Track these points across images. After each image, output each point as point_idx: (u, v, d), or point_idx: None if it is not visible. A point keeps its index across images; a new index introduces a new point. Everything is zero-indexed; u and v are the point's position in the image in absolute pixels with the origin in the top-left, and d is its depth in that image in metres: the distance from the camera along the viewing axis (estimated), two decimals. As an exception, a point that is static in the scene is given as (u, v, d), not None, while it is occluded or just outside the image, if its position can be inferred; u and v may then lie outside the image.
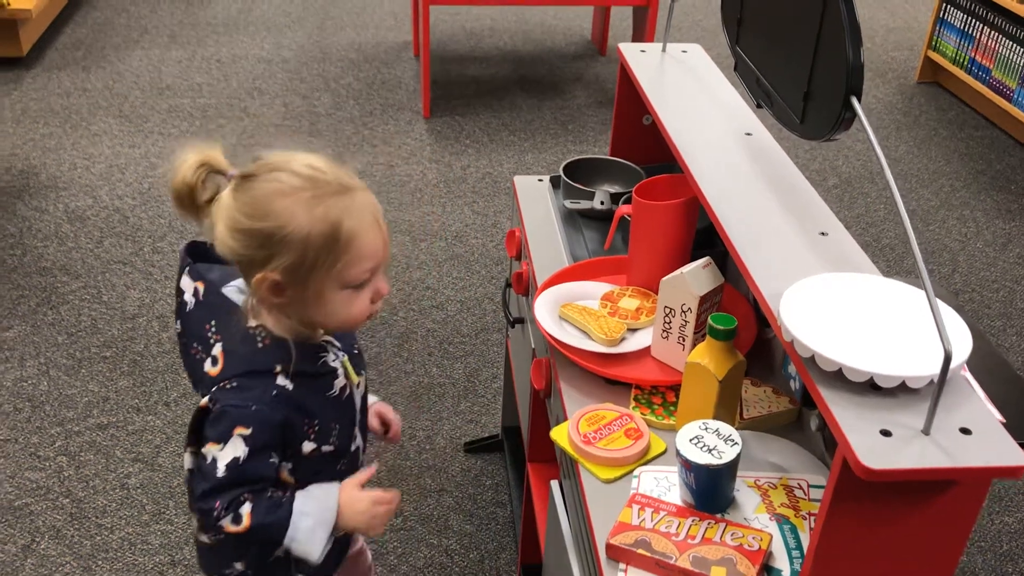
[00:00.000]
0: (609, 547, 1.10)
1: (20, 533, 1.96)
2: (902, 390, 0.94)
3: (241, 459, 1.11)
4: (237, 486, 1.12)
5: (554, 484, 1.39)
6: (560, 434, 1.27)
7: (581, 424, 1.25)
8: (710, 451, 1.11)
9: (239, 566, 1.27)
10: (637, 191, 1.43)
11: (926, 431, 0.90)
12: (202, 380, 1.17)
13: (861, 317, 1.02)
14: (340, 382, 1.21)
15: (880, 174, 3.47)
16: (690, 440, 1.12)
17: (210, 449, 1.12)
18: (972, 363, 0.98)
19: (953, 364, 0.88)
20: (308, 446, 1.18)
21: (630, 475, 1.21)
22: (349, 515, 1.19)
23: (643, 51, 1.74)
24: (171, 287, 2.69)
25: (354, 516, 1.19)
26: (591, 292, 1.50)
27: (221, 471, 1.11)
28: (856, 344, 0.96)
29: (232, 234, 1.09)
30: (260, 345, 1.14)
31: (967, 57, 3.92)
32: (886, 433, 0.89)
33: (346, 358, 1.23)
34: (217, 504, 1.12)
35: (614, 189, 1.73)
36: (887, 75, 4.31)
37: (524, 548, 1.81)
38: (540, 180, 1.88)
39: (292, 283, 1.10)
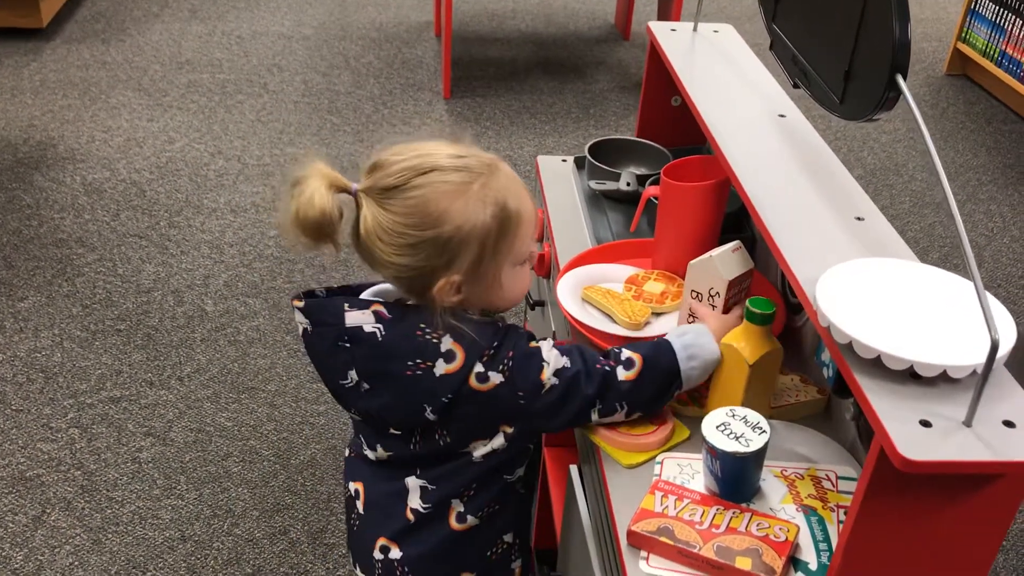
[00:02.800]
0: (631, 534, 1.07)
1: (31, 504, 1.95)
2: (943, 380, 0.90)
3: (569, 350, 1.12)
4: (584, 362, 1.12)
5: (573, 469, 1.36)
6: (581, 418, 1.24)
7: (603, 408, 1.22)
8: (737, 438, 1.07)
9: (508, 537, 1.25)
10: (666, 172, 1.39)
11: (968, 423, 0.86)
12: (432, 391, 1.09)
13: (900, 304, 0.98)
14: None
15: (905, 166, 3.41)
16: (716, 427, 1.09)
17: (540, 380, 1.10)
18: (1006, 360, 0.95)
19: (1000, 354, 0.85)
20: None
21: (652, 461, 1.18)
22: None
23: (673, 30, 1.70)
24: (187, 262, 2.68)
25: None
26: (615, 275, 1.46)
27: (565, 363, 1.11)
28: (896, 331, 0.93)
29: (402, 250, 1.04)
30: (484, 324, 1.10)
31: (998, 50, 3.85)
32: (926, 424, 0.86)
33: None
34: (604, 363, 1.13)
35: (640, 171, 1.70)
36: (915, 66, 4.24)
37: (538, 534, 1.79)
38: (564, 161, 1.84)
39: (472, 279, 1.07)
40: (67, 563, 1.84)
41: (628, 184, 1.62)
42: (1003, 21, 3.80)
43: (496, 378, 1.09)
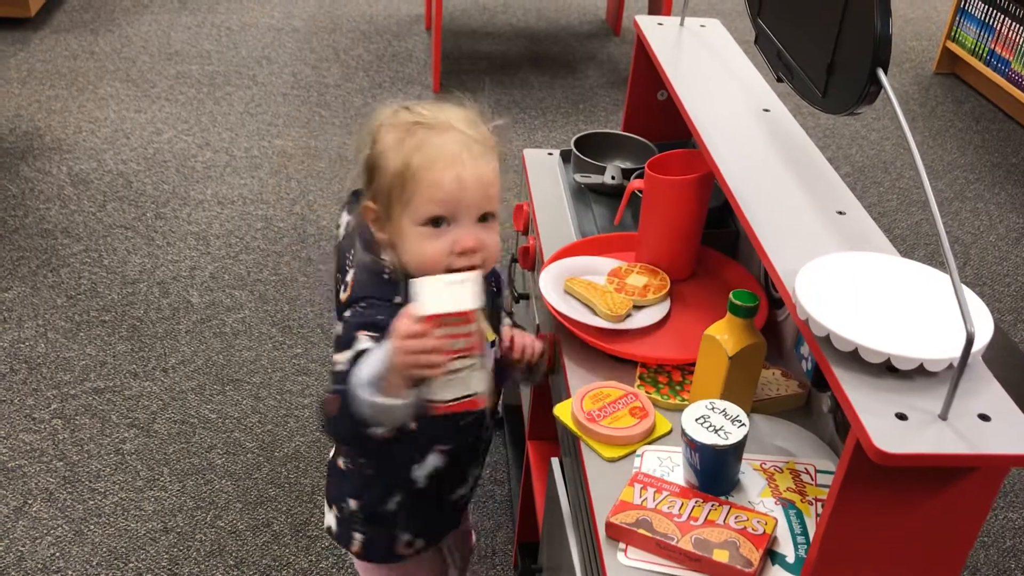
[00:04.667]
0: (609, 526, 1.07)
1: (12, 494, 1.94)
2: (919, 373, 0.91)
3: (365, 351, 1.07)
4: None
5: (554, 461, 1.36)
6: (563, 411, 1.24)
7: (585, 401, 1.22)
8: (716, 431, 1.08)
9: (352, 503, 1.28)
10: (650, 166, 1.39)
11: (943, 416, 0.86)
12: (337, 309, 1.18)
13: (879, 297, 0.98)
14: None
15: (893, 163, 3.42)
16: (696, 420, 1.09)
17: (337, 359, 1.09)
18: (985, 355, 0.95)
19: (975, 347, 0.85)
20: None
21: (633, 454, 1.18)
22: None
23: (660, 24, 1.70)
24: (173, 254, 2.67)
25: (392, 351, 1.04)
26: (598, 267, 1.47)
27: (342, 366, 1.08)
28: (873, 324, 0.93)
29: (357, 161, 1.16)
30: (385, 276, 1.14)
31: (986, 49, 3.86)
32: (902, 417, 0.86)
33: (482, 312, 1.18)
34: (337, 388, 1.08)
35: (626, 165, 1.70)
36: (904, 65, 4.25)
37: (521, 526, 1.79)
38: (550, 154, 1.84)
39: (384, 216, 1.12)
40: (48, 554, 1.83)
41: (613, 178, 1.62)
42: (992, 20, 3.81)
43: (340, 328, 1.13)
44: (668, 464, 1.16)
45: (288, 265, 2.64)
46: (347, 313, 1.13)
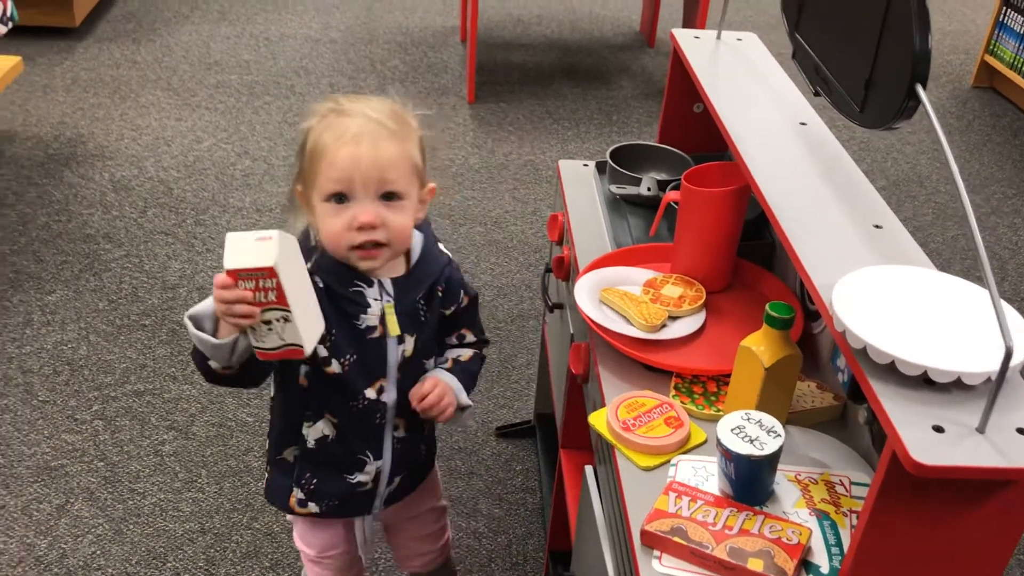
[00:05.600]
0: (644, 533, 1.08)
1: (55, 493, 1.99)
2: (956, 386, 0.91)
3: None
4: None
5: (588, 470, 1.37)
6: (599, 419, 1.26)
7: (620, 410, 1.24)
8: (751, 441, 1.09)
9: (268, 442, 1.40)
10: (686, 177, 1.40)
11: (981, 429, 0.87)
12: None
13: (916, 311, 0.99)
14: (369, 319, 1.26)
15: (928, 177, 3.40)
16: (731, 430, 1.10)
17: None
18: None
19: (1014, 361, 0.86)
20: (321, 351, 1.24)
21: (668, 464, 1.19)
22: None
23: (697, 37, 1.71)
24: (212, 260, 2.71)
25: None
26: (633, 278, 1.48)
27: None
28: (910, 337, 0.94)
29: None
30: (312, 243, 1.24)
31: (1025, 62, 3.83)
32: (939, 429, 0.87)
33: (391, 307, 1.26)
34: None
35: (661, 176, 1.71)
36: (941, 78, 4.23)
37: (553, 534, 1.80)
38: (585, 165, 1.86)
39: (305, 195, 1.22)
40: (89, 552, 1.87)
41: (648, 189, 1.63)
42: (1031, 34, 3.78)
43: None
44: (703, 474, 1.17)
45: (324, 272, 2.68)
46: None
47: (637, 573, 1.07)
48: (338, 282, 1.25)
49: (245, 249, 1.06)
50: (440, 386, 1.32)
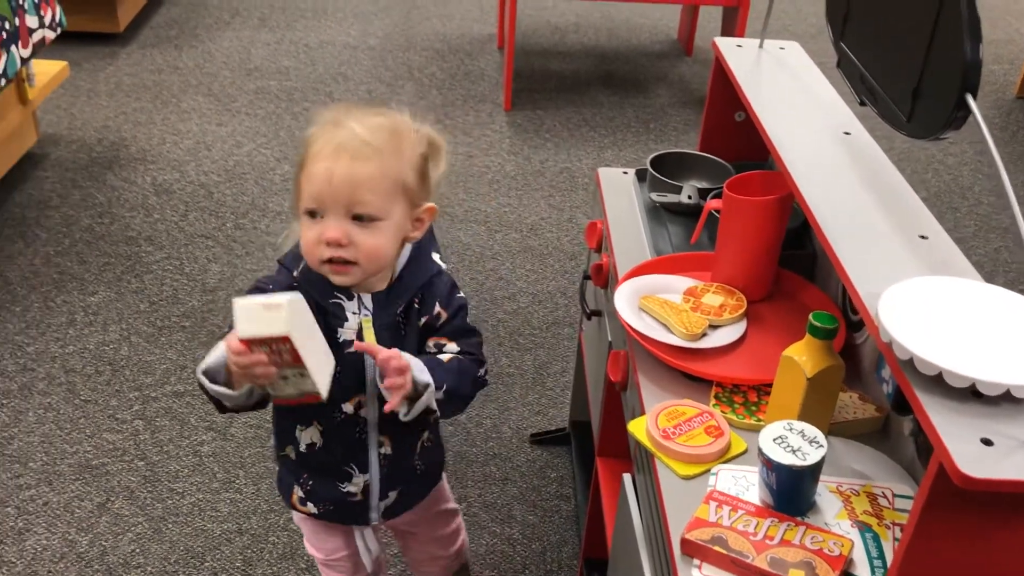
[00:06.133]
0: (684, 542, 1.08)
1: (96, 491, 2.02)
2: (1006, 399, 0.90)
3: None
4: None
5: (626, 478, 1.37)
6: (638, 427, 1.26)
7: (660, 419, 1.24)
8: (794, 452, 1.08)
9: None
10: (728, 186, 1.40)
11: (1031, 443, 0.86)
12: None
13: (963, 322, 0.98)
14: (346, 333, 1.25)
15: (971, 189, 3.36)
16: (773, 439, 1.09)
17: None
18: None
19: (1065, 374, 0.84)
20: None
21: (708, 473, 1.19)
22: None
23: (739, 46, 1.71)
24: (251, 263, 2.74)
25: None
26: (673, 286, 1.48)
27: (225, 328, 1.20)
28: (958, 349, 0.93)
29: None
30: (301, 256, 1.24)
31: (1070, 73, 3.77)
32: (987, 442, 0.86)
33: (368, 321, 1.25)
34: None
35: (702, 184, 1.70)
36: (984, 88, 4.17)
37: (588, 542, 1.80)
38: (625, 173, 1.86)
39: (295, 203, 1.21)
40: (129, 550, 1.90)
41: (689, 197, 1.63)
42: (1076, 44, 3.72)
43: None
44: (743, 483, 1.16)
45: (361, 277, 2.70)
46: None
47: (677, 582, 1.06)
48: (319, 293, 1.24)
49: (256, 317, 1.07)
50: (396, 353, 1.21)
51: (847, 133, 1.44)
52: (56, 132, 3.36)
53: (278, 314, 1.06)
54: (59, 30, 2.94)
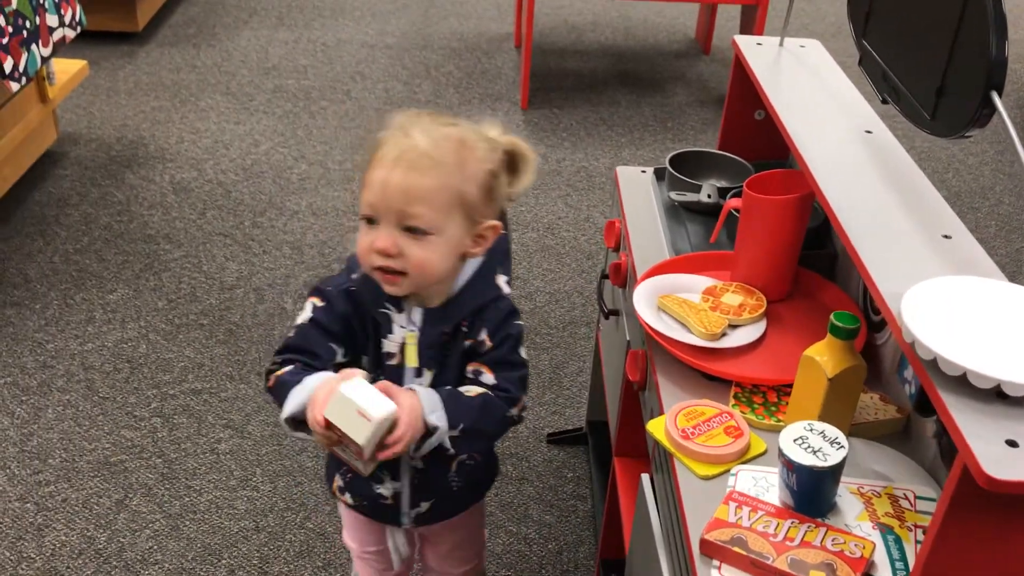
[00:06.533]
0: (703, 543, 1.07)
1: (115, 488, 2.03)
2: (1031, 401, 0.89)
3: (303, 323, 1.25)
4: (290, 349, 1.25)
5: (644, 478, 1.36)
6: (657, 427, 1.25)
7: (679, 419, 1.23)
8: (814, 452, 1.07)
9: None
10: (749, 184, 1.39)
11: (1057, 445, 0.85)
12: None
13: (988, 322, 0.97)
14: (389, 345, 1.26)
15: (992, 189, 3.33)
16: (794, 440, 1.09)
17: (295, 323, 1.28)
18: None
19: (1092, 376, 0.83)
20: (364, 361, 1.27)
21: (727, 473, 1.18)
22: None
23: (759, 44, 1.70)
24: (269, 262, 2.75)
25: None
26: (693, 285, 1.47)
27: (291, 330, 1.27)
28: (982, 349, 0.92)
29: None
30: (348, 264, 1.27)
31: (1093, 72, 3.73)
32: (1012, 444, 0.85)
33: (412, 336, 1.24)
34: (275, 359, 1.26)
35: (721, 183, 1.69)
36: (1006, 87, 4.13)
37: (605, 542, 1.79)
38: (643, 172, 1.85)
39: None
40: (147, 547, 1.90)
41: (709, 196, 1.62)
42: (1099, 43, 3.68)
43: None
44: (763, 484, 1.15)
45: (378, 276, 2.70)
46: None
47: (696, 583, 1.06)
48: (371, 301, 1.24)
49: (347, 412, 1.11)
50: (405, 419, 1.16)
51: (869, 132, 1.43)
52: (75, 131, 3.38)
53: (365, 426, 1.10)
54: (79, 29, 2.96)
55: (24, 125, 2.85)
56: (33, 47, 2.64)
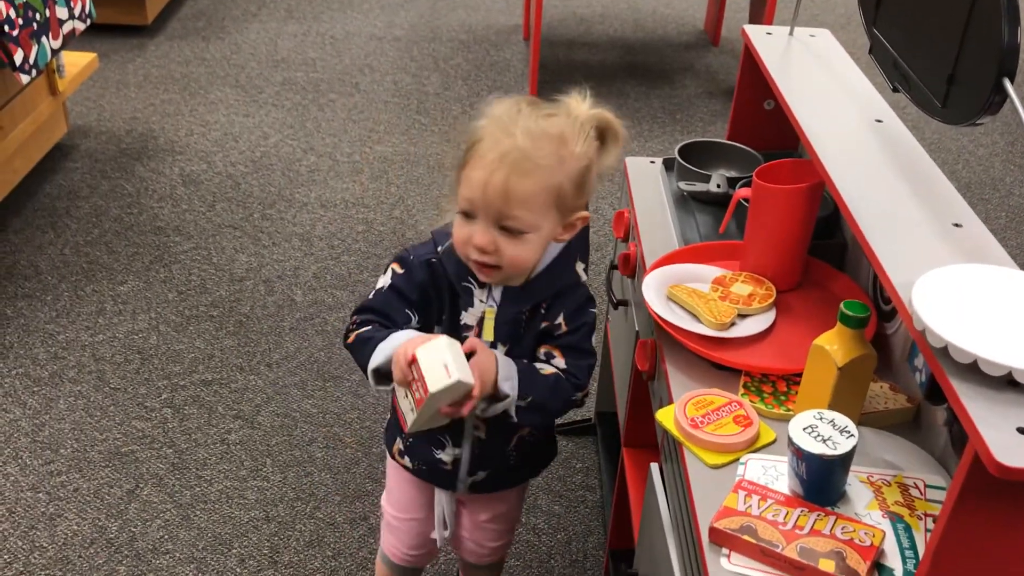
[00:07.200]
0: (712, 531, 1.07)
1: (126, 478, 2.04)
2: (1042, 388, 0.89)
3: (383, 288, 1.30)
4: (369, 311, 1.29)
5: (654, 467, 1.36)
6: (666, 416, 1.25)
7: (688, 408, 1.23)
8: (824, 441, 1.07)
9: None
10: (758, 174, 1.39)
11: (1068, 432, 0.84)
12: None
13: (999, 310, 0.97)
14: (468, 318, 1.28)
15: (1002, 180, 3.32)
16: (804, 428, 1.09)
17: (378, 283, 1.32)
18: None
19: (1104, 363, 0.83)
20: (437, 331, 1.29)
21: (736, 462, 1.18)
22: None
23: (769, 33, 1.69)
24: (278, 254, 2.76)
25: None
26: (702, 275, 1.47)
27: (371, 293, 1.31)
28: (993, 337, 0.91)
29: None
30: (447, 231, 1.27)
31: (1105, 63, 3.71)
32: (1023, 431, 0.85)
33: (491, 312, 1.27)
34: (354, 318, 1.30)
35: (731, 173, 1.69)
36: (1017, 74, 4.11)
37: (614, 533, 1.80)
38: (652, 162, 1.85)
39: (454, 190, 1.23)
40: (158, 536, 1.91)
41: (718, 186, 1.62)
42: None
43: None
44: (772, 473, 1.15)
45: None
46: None
47: (705, 571, 1.06)
48: (455, 273, 1.27)
49: (434, 358, 1.15)
50: (484, 357, 1.21)
51: (879, 121, 1.42)
52: (86, 123, 3.39)
53: (443, 378, 1.14)
54: (89, 21, 2.96)
55: (34, 118, 2.86)
56: (43, 39, 2.64)
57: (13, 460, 2.07)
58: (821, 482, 1.09)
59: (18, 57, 2.51)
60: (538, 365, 1.28)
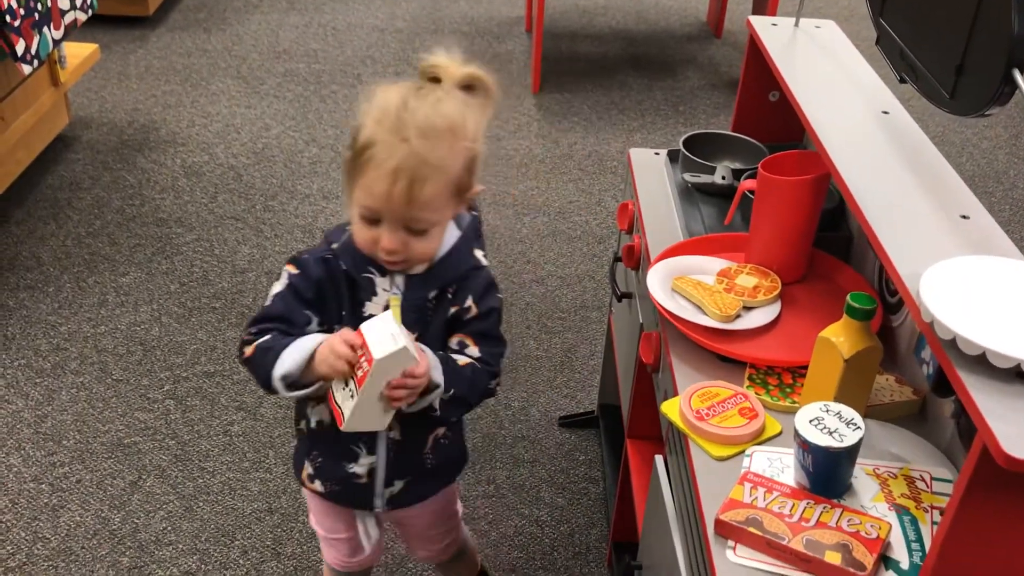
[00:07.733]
0: (718, 523, 1.07)
1: (128, 469, 2.04)
2: (1051, 380, 0.88)
3: (279, 292, 1.26)
4: (266, 319, 1.25)
5: (658, 459, 1.36)
6: (671, 408, 1.25)
7: (694, 400, 1.23)
8: (830, 433, 1.07)
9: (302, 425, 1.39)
10: (763, 166, 1.38)
11: (1077, 424, 0.84)
12: None
13: (1007, 302, 0.96)
14: (372, 308, 1.26)
15: (1006, 173, 3.31)
16: (810, 421, 1.08)
17: (271, 291, 1.28)
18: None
19: (1114, 355, 0.83)
20: (337, 329, 1.24)
21: (742, 454, 1.18)
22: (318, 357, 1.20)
23: (774, 24, 1.68)
24: (280, 245, 2.75)
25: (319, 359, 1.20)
26: (707, 267, 1.46)
27: (267, 301, 1.27)
28: (1002, 329, 0.91)
29: None
30: (346, 230, 1.25)
31: (1109, 55, 3.70)
32: (1032, 423, 0.84)
33: (396, 299, 1.23)
34: (250, 330, 1.26)
35: (736, 165, 1.69)
36: (1019, 71, 4.10)
37: (617, 525, 1.80)
38: (657, 154, 1.84)
39: (348, 187, 1.20)
40: (161, 527, 1.91)
41: (723, 178, 1.61)
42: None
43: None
44: (778, 465, 1.15)
45: (389, 259, 2.70)
46: None
47: (710, 563, 1.06)
48: (354, 265, 1.25)
49: (382, 331, 1.15)
50: (424, 363, 1.19)
51: (886, 112, 1.42)
52: (87, 115, 3.38)
53: (388, 344, 1.13)
54: (90, 12, 2.95)
55: (36, 109, 2.86)
56: (45, 30, 2.63)
57: (16, 451, 2.07)
58: (827, 474, 1.09)
59: (20, 47, 2.50)
60: (454, 356, 1.27)
